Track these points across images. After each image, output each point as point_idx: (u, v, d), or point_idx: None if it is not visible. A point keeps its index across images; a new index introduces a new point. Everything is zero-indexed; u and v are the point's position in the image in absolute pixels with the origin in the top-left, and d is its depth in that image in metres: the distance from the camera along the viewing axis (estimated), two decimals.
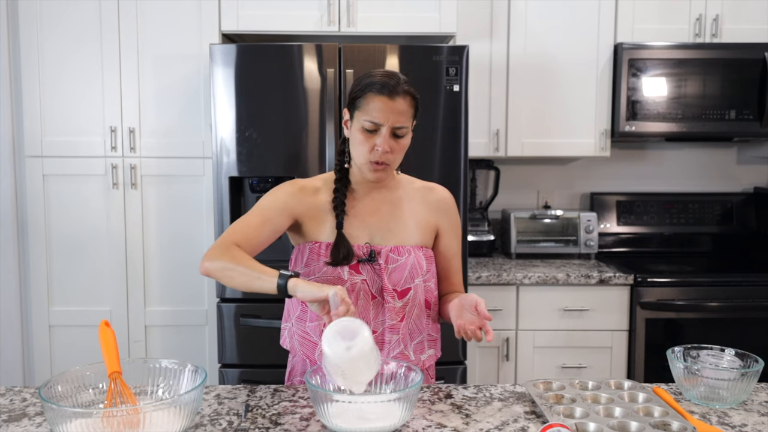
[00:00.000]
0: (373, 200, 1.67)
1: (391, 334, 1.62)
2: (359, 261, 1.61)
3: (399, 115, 1.54)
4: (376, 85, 1.54)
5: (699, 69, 3.03)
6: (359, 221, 1.65)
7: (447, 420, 1.39)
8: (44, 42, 2.83)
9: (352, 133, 1.59)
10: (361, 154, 1.57)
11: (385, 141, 1.54)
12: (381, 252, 1.62)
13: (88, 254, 2.92)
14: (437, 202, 1.72)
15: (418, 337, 1.67)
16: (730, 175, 3.55)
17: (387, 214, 1.67)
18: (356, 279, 1.61)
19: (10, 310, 3.04)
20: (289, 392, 1.54)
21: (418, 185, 1.74)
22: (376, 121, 1.54)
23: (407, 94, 1.56)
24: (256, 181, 2.69)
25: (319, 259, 1.61)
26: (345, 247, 1.60)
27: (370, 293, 1.62)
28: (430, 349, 1.71)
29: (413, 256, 1.64)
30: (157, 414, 1.21)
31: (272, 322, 2.66)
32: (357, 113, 1.57)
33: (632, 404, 1.41)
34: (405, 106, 1.56)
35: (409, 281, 1.63)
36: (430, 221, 1.70)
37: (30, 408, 1.45)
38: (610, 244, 3.42)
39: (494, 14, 3.07)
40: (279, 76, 2.63)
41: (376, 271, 1.62)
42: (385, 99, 1.53)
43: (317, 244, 1.63)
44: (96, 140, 2.88)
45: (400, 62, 2.62)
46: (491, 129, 3.12)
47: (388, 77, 1.55)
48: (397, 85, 1.54)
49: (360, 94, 1.56)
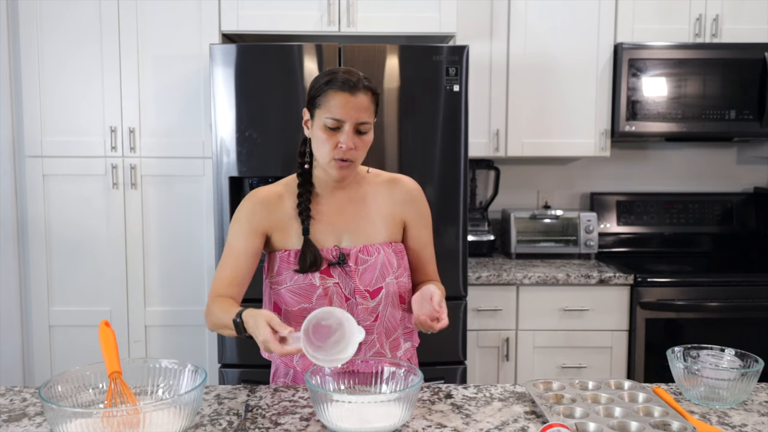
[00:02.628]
0: (337, 200, 1.65)
1: (366, 335, 1.61)
2: (329, 264, 1.60)
3: (361, 111, 1.53)
4: (337, 82, 1.52)
5: (699, 69, 3.03)
6: (325, 223, 1.63)
7: (447, 420, 1.39)
8: (44, 42, 2.83)
9: (313, 133, 1.58)
10: (324, 153, 1.56)
11: (348, 138, 1.53)
12: (350, 253, 1.61)
13: (88, 254, 2.92)
14: (402, 195, 1.70)
15: (393, 334, 1.67)
16: (730, 175, 3.54)
17: (353, 213, 1.65)
18: (328, 283, 1.59)
19: (10, 310, 3.04)
20: (289, 392, 1.54)
21: (383, 178, 1.72)
22: (338, 117, 1.52)
23: (367, 89, 1.55)
24: (256, 181, 2.69)
25: (289, 267, 1.60)
26: (312, 253, 1.58)
27: (343, 296, 1.61)
28: (406, 342, 1.71)
29: (383, 254, 1.62)
30: (157, 414, 1.21)
31: None
32: (318, 111, 1.55)
33: (632, 404, 1.41)
34: (366, 101, 1.54)
35: (380, 280, 1.61)
36: (396, 214, 1.68)
37: (30, 408, 1.45)
38: (610, 244, 3.42)
39: (494, 14, 3.07)
40: (279, 76, 2.63)
41: (347, 273, 1.61)
42: (347, 95, 1.52)
43: (286, 252, 1.61)
44: (96, 140, 2.88)
45: (400, 62, 2.62)
46: (491, 129, 3.12)
47: (348, 74, 1.54)
48: (358, 81, 1.53)
49: (320, 92, 1.54)
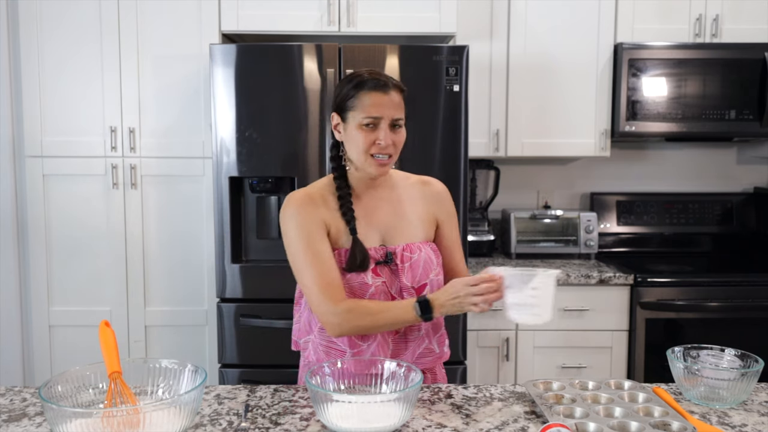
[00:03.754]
0: (374, 201, 1.68)
1: (414, 332, 1.65)
2: (377, 264, 1.62)
3: (395, 107, 1.58)
4: (368, 82, 1.57)
5: (699, 69, 3.03)
6: (367, 224, 1.65)
7: (447, 420, 1.39)
8: (44, 42, 2.83)
9: (348, 135, 1.60)
10: (362, 151, 1.58)
11: (386, 134, 1.57)
12: (395, 251, 1.64)
13: (88, 254, 2.92)
14: (433, 195, 1.75)
15: (440, 329, 1.72)
16: (730, 175, 3.54)
17: (391, 213, 1.68)
18: (378, 282, 1.62)
19: (10, 310, 3.04)
20: (289, 392, 1.54)
21: (413, 180, 1.77)
22: (375, 115, 1.56)
23: (397, 87, 1.60)
24: (256, 181, 2.69)
25: (341, 266, 1.62)
26: (361, 253, 1.60)
27: (389, 294, 1.63)
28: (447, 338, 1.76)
29: (424, 252, 1.66)
30: (157, 414, 1.21)
31: (272, 322, 2.66)
32: (351, 114, 1.58)
33: (632, 404, 1.41)
34: (398, 98, 1.60)
35: (424, 277, 1.64)
36: (430, 214, 1.73)
37: (30, 408, 1.45)
38: (610, 244, 3.42)
39: (494, 14, 3.06)
40: (279, 76, 2.63)
41: (393, 271, 1.63)
42: (380, 94, 1.57)
43: (336, 252, 1.63)
44: (96, 140, 2.88)
45: (400, 62, 2.62)
46: (491, 129, 3.12)
47: (377, 74, 1.60)
48: (387, 80, 1.59)
49: (351, 95, 1.58)
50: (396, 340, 1.65)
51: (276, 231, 2.75)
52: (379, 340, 1.62)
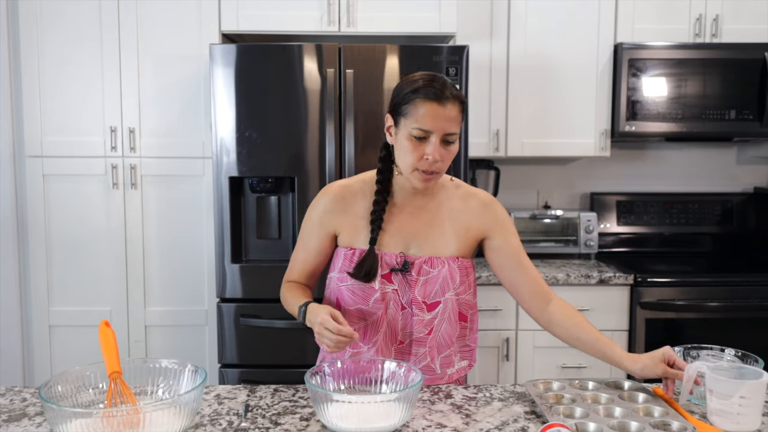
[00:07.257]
0: (413, 206, 1.63)
1: (417, 347, 1.61)
2: (392, 270, 1.59)
3: (449, 121, 1.48)
4: (423, 90, 1.48)
5: (699, 69, 3.03)
6: (396, 228, 1.61)
7: (447, 420, 1.39)
8: (44, 42, 2.83)
9: (398, 141, 1.54)
10: (409, 163, 1.52)
11: (435, 149, 1.48)
12: (414, 263, 1.59)
13: (88, 254, 2.92)
14: (479, 207, 1.65)
15: (446, 351, 1.64)
16: (730, 175, 3.54)
17: (426, 221, 1.63)
18: (387, 288, 1.59)
19: (10, 310, 3.04)
20: (289, 392, 1.54)
21: (462, 191, 1.67)
22: (426, 128, 1.48)
23: (456, 98, 1.50)
24: (256, 181, 2.69)
25: (351, 267, 1.60)
26: (370, 264, 1.57)
27: (400, 303, 1.60)
28: (463, 360, 1.68)
29: (446, 269, 1.60)
30: (157, 414, 1.21)
31: (272, 322, 2.66)
32: (404, 120, 1.50)
33: (632, 404, 1.41)
34: (455, 111, 1.50)
35: (439, 294, 1.60)
36: (472, 228, 1.64)
37: (30, 408, 1.45)
38: (610, 244, 3.42)
39: (494, 14, 3.06)
40: (279, 76, 2.63)
41: (407, 281, 1.60)
42: (435, 105, 1.47)
43: (351, 251, 1.62)
44: (96, 140, 2.88)
45: (400, 62, 2.62)
46: (491, 129, 3.12)
47: (435, 81, 1.49)
48: (444, 89, 1.48)
49: (407, 99, 1.49)
50: (399, 349, 1.63)
51: (276, 231, 2.75)
52: (380, 346, 1.61)
